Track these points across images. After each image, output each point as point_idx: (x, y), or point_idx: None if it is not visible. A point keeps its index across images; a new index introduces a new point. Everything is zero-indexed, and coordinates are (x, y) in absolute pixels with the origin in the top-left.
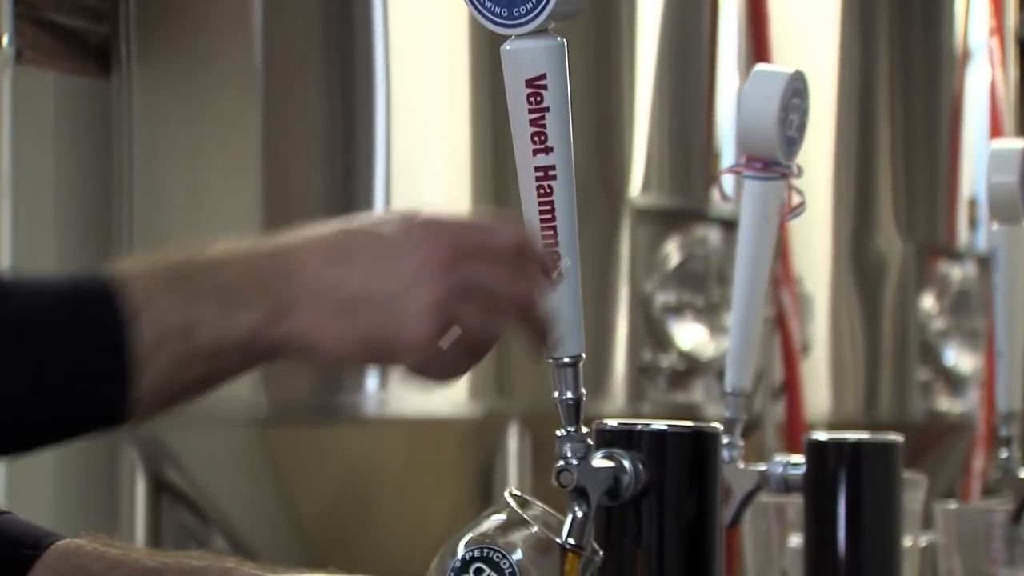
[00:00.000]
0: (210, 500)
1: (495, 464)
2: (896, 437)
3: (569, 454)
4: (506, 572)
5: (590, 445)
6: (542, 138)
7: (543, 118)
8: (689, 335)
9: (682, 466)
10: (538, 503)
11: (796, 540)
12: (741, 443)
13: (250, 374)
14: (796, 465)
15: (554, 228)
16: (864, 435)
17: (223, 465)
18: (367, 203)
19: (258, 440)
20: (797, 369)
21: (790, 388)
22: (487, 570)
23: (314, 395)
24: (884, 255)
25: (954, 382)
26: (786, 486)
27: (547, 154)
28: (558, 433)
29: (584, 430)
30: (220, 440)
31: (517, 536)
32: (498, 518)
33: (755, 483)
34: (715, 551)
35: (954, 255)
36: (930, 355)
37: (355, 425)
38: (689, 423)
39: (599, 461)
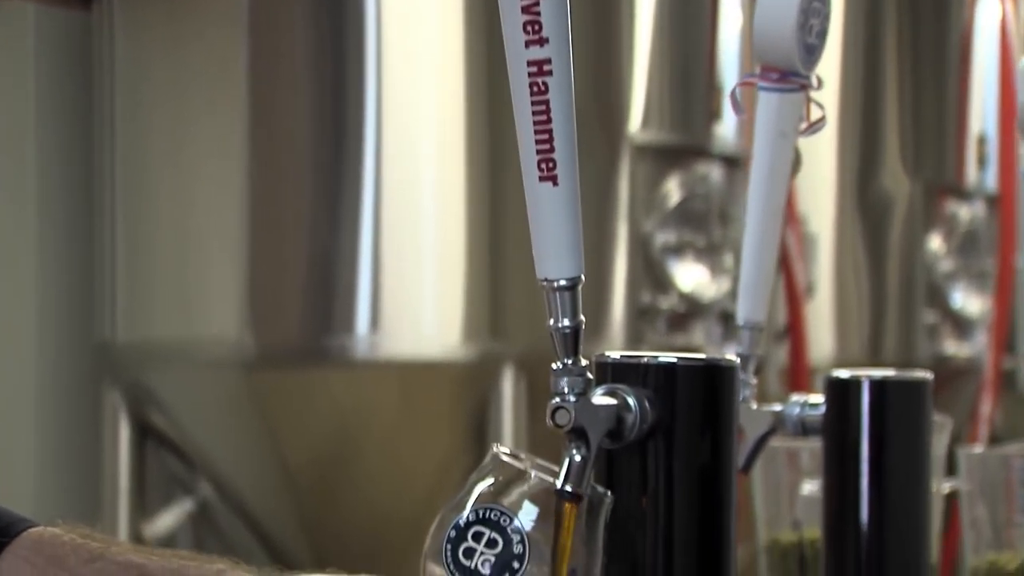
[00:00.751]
0: (195, 445)
1: (489, 409)
2: (925, 374)
3: (566, 390)
4: (509, 531)
5: (590, 380)
6: (536, 27)
7: (537, 4)
8: (689, 276)
9: (694, 404)
10: (530, 457)
11: (809, 487)
12: (754, 381)
13: (236, 314)
14: (815, 406)
15: (549, 132)
16: (890, 372)
17: (209, 409)
18: (357, 140)
19: (245, 383)
20: (801, 311)
21: (793, 330)
22: (487, 532)
23: (303, 337)
24: (890, 194)
25: (961, 325)
26: (804, 428)
27: (541, 46)
28: (553, 366)
29: (583, 362)
30: (206, 383)
31: (516, 493)
32: (491, 478)
33: (770, 425)
34: (730, 500)
35: (962, 194)
36: (937, 297)
37: (344, 368)
38: (702, 356)
39: (600, 398)
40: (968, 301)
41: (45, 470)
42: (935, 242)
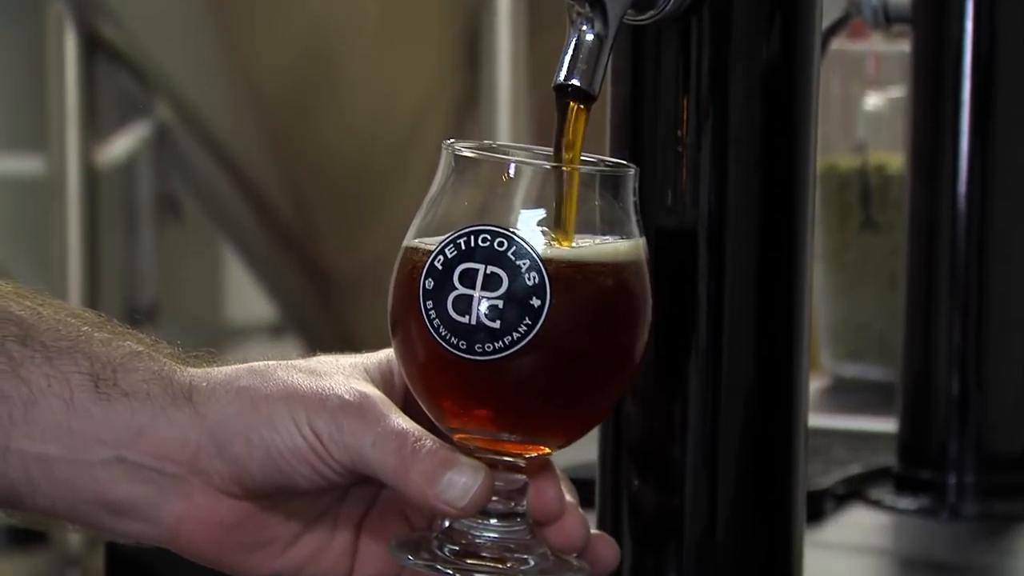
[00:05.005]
0: (151, 60)
1: (482, 23)
2: None
3: None
4: (512, 256)
5: None
6: None
7: None
8: None
9: None
10: (502, 145)
11: (875, 101)
12: None
13: None
14: None
15: None
16: None
17: (165, 18)
18: None
19: None
20: None
21: None
22: (482, 268)
23: None
24: None
25: None
26: (886, 15)
27: None
28: None
29: None
30: None
31: (504, 199)
32: (457, 189)
33: (842, 11)
34: (808, 107)
35: None
36: None
37: None
38: None
39: None
40: None
41: None
42: None
